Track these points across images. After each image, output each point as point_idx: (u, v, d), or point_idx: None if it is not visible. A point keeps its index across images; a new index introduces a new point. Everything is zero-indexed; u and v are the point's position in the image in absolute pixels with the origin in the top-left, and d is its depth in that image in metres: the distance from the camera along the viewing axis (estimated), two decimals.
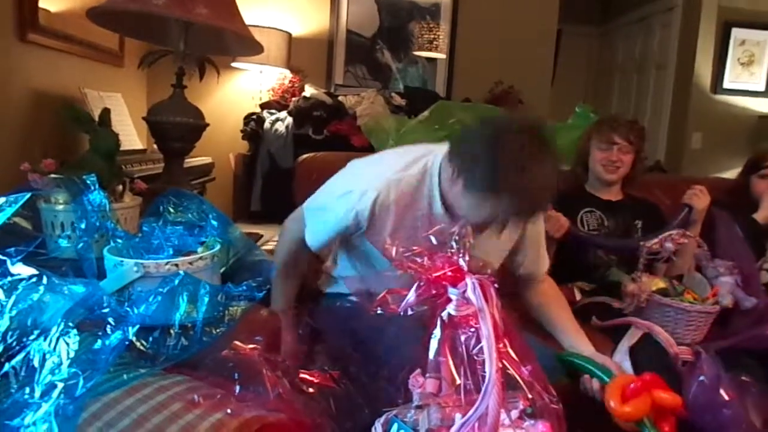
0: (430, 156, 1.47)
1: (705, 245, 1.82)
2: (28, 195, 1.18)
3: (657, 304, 1.75)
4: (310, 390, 1.10)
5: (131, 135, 2.80)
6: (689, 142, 4.70)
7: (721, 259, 1.80)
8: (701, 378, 1.58)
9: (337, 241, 1.59)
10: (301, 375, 1.10)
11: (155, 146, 2.57)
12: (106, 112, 1.76)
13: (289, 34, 3.93)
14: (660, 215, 2.23)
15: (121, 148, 1.78)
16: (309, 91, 3.72)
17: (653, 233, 1.86)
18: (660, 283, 1.82)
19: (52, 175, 1.41)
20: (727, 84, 4.66)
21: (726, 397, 1.53)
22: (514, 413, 1.00)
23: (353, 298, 1.64)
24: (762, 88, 4.70)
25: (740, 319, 1.77)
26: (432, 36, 4.09)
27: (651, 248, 1.78)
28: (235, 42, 2.23)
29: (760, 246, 2.08)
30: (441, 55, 4.22)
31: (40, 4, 2.28)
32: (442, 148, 1.42)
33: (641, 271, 1.77)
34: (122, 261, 1.15)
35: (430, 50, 4.11)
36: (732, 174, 2.47)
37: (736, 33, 4.60)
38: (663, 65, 5.16)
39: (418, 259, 0.96)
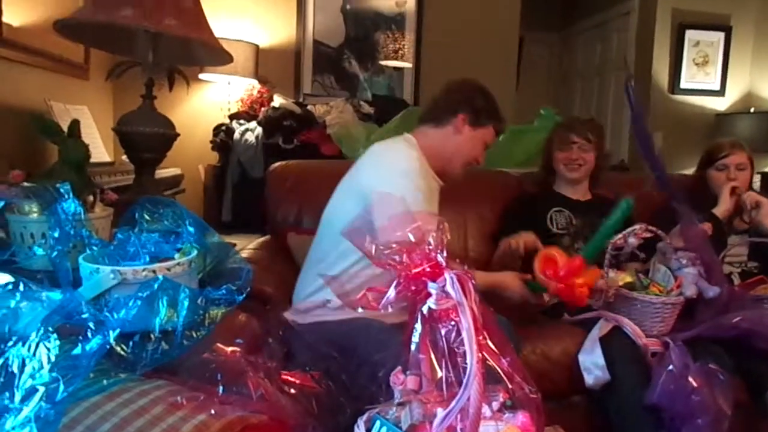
0: (406, 143, 1.82)
1: (668, 238, 1.88)
2: (1, 204, 1.17)
3: (624, 298, 1.80)
4: (292, 391, 1.10)
5: (98, 147, 2.76)
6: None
7: (683, 251, 1.86)
8: (670, 367, 1.63)
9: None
10: (283, 376, 1.10)
11: (123, 158, 2.55)
12: (75, 123, 1.74)
13: (257, 46, 3.94)
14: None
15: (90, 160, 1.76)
16: (278, 101, 3.73)
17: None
18: (627, 278, 1.88)
19: (23, 184, 1.39)
20: (684, 84, 4.80)
21: (695, 385, 1.59)
22: (495, 405, 1.02)
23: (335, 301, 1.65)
24: (717, 87, 4.85)
25: (705, 308, 1.82)
26: (397, 45, 4.14)
27: (615, 243, 1.83)
28: (204, 52, 2.23)
29: (723, 240, 2.15)
30: (407, 64, 4.27)
31: (3, 19, 2.25)
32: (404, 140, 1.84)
33: (608, 267, 1.81)
34: (98, 268, 1.14)
35: (396, 59, 4.16)
36: (693, 171, 2.53)
37: (690, 35, 4.74)
38: (622, 68, 5.29)
39: (397, 257, 0.97)
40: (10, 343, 0.87)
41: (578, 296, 1.61)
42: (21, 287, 1.00)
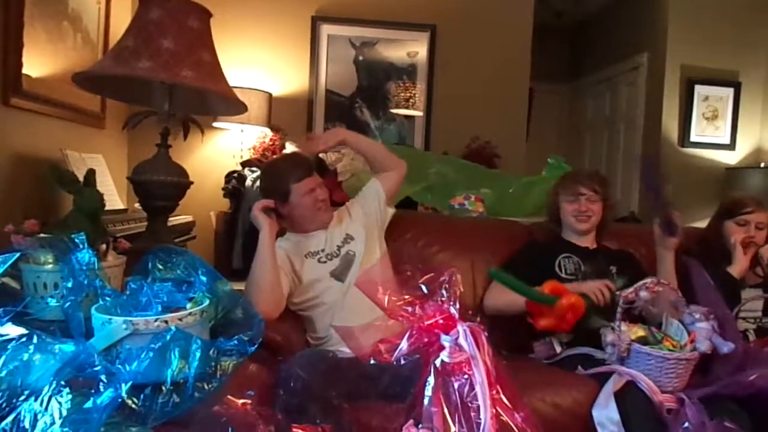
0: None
1: (679, 291, 1.86)
2: (17, 255, 1.18)
3: (637, 353, 1.77)
4: None
5: (113, 195, 2.80)
6: None
7: (696, 306, 1.83)
8: (686, 425, 1.59)
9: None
10: (294, 429, 1.09)
11: (136, 206, 2.57)
12: (91, 173, 1.77)
13: (270, 94, 4.01)
14: (635, 262, 2.28)
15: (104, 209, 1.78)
16: (290, 148, 3.77)
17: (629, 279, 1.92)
18: (639, 332, 1.84)
19: (40, 235, 1.41)
20: (693, 138, 4.82)
21: None
22: None
23: (344, 349, 1.67)
24: (727, 141, 4.87)
25: (721, 364, 1.78)
26: (408, 95, 4.20)
27: (627, 297, 1.81)
28: (220, 102, 2.28)
29: (736, 297, 2.12)
30: (418, 113, 4.33)
31: (23, 70, 2.32)
32: None
33: (619, 320, 1.79)
34: (110, 319, 1.14)
35: (407, 108, 4.22)
36: (703, 224, 2.52)
37: (699, 89, 4.80)
38: (631, 121, 5.34)
39: (409, 308, 0.97)
40: (22, 398, 0.87)
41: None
42: (34, 339, 1.00)
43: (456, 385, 0.94)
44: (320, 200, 2.03)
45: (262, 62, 4.21)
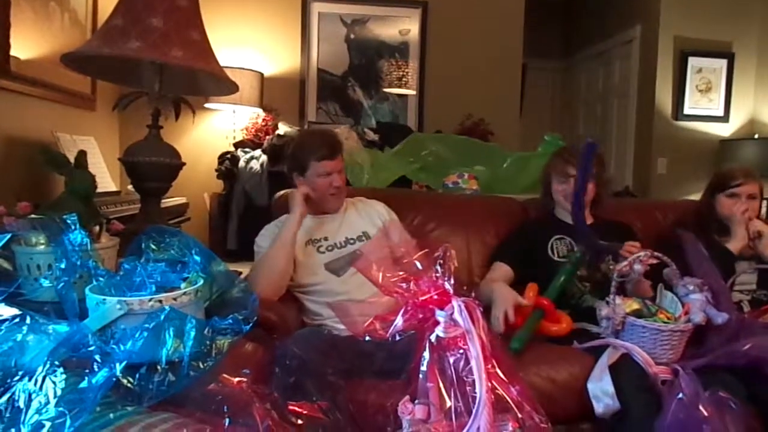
0: None
1: (673, 264, 1.86)
2: (9, 236, 1.17)
3: (632, 326, 1.78)
4: (299, 422, 1.09)
5: (105, 177, 2.78)
6: (655, 168, 4.83)
7: (690, 277, 1.84)
8: (680, 396, 1.60)
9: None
10: (290, 407, 1.09)
11: (129, 188, 2.56)
12: (82, 155, 1.75)
13: (262, 74, 3.98)
14: (632, 234, 2.27)
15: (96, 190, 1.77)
16: (282, 128, 3.75)
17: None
18: (634, 305, 1.85)
19: (30, 216, 1.40)
20: (687, 110, 4.82)
21: (705, 414, 1.55)
22: None
23: (340, 327, 1.68)
24: (721, 113, 4.87)
25: (715, 335, 1.79)
26: (401, 73, 4.18)
27: (621, 270, 1.82)
28: (210, 82, 2.25)
29: (731, 269, 2.12)
30: (411, 92, 4.30)
31: (12, 52, 2.29)
32: None
33: (614, 294, 1.80)
34: (104, 299, 1.14)
35: (400, 87, 4.20)
36: (698, 197, 2.52)
37: (693, 61, 4.79)
38: (625, 94, 5.33)
39: (404, 285, 0.97)
40: (17, 378, 0.87)
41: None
42: (27, 320, 1.00)
43: (451, 360, 0.94)
44: (334, 186, 2.02)
45: (253, 42, 4.17)
